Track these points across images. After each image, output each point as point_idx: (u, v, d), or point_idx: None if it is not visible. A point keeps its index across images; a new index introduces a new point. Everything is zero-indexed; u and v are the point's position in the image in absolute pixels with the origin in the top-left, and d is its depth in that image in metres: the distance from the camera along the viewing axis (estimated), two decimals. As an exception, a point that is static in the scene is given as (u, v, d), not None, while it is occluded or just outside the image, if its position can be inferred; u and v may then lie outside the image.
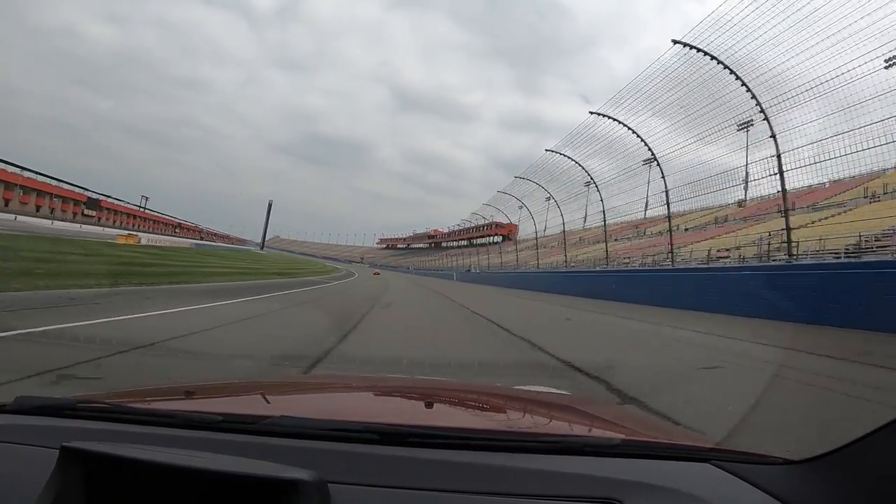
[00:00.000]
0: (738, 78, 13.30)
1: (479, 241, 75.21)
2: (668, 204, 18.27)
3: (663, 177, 18.12)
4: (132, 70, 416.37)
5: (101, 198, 70.01)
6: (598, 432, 1.37)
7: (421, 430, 1.04)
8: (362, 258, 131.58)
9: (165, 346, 5.09)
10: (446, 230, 60.36)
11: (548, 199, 29.68)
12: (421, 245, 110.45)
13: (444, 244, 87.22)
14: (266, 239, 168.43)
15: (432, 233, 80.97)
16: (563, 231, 26.47)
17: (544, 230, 34.05)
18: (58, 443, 0.79)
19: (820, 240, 16.16)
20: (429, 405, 1.43)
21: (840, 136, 12.16)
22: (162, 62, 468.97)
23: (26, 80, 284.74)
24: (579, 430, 1.42)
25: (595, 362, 5.41)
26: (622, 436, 1.26)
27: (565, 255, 25.37)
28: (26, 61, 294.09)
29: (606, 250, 26.43)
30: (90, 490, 0.76)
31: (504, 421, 1.54)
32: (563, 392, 2.70)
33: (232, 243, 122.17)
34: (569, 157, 23.54)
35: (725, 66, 13.39)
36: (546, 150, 25.28)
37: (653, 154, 18.13)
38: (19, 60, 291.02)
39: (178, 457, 0.77)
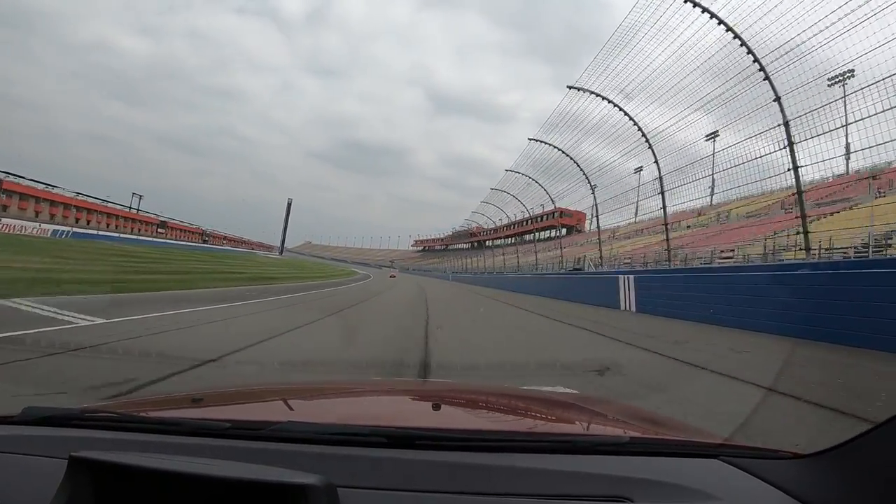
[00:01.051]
0: (761, 69, 12.10)
1: (528, 235, 62.93)
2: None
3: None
4: (166, 82, 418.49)
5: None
6: (606, 431, 1.37)
7: (429, 433, 1.04)
8: (392, 262, 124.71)
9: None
10: (493, 225, 50.13)
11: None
12: (462, 245, 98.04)
13: (488, 243, 78.22)
14: (296, 244, 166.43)
15: (474, 230, 70.69)
16: (664, 211, 17.69)
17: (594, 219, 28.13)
18: (66, 453, 0.80)
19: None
20: (436, 407, 1.43)
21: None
22: (196, 72, 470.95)
23: (63, 95, 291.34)
24: (588, 428, 1.41)
25: None
26: (631, 434, 1.26)
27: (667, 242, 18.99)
28: (62, 77, 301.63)
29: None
30: (99, 499, 0.76)
31: (512, 421, 1.54)
32: (572, 391, 2.66)
33: (252, 248, 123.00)
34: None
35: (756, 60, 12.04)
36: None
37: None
38: (55, 76, 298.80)
39: (186, 464, 0.78)
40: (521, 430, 1.37)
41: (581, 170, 22.81)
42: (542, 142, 24.69)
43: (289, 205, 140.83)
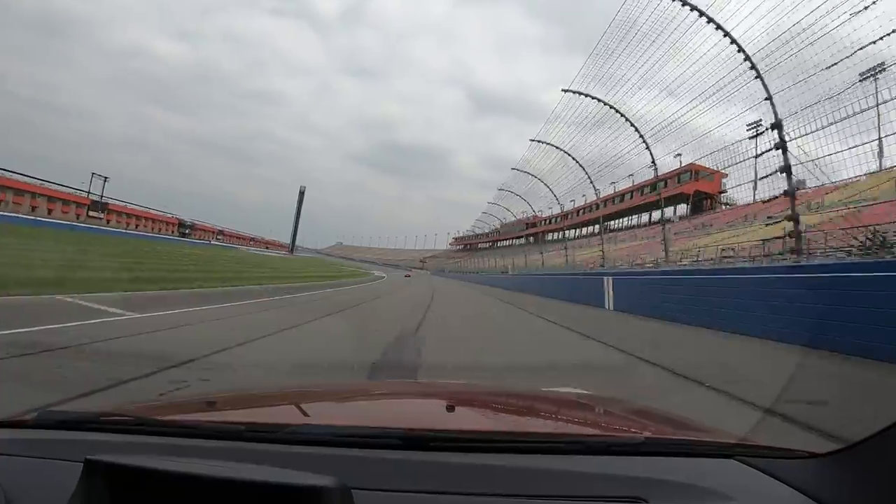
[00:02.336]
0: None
1: (618, 219, 50.84)
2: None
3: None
4: (204, 86, 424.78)
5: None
6: (621, 431, 1.36)
7: (442, 434, 1.04)
8: (423, 262, 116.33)
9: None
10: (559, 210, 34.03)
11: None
12: (514, 239, 75.97)
13: (549, 236, 61.32)
14: (327, 245, 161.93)
15: (531, 219, 55.84)
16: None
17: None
18: (81, 456, 0.80)
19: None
20: (449, 409, 1.43)
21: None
22: (233, 76, 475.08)
23: (102, 101, 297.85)
24: (602, 429, 1.41)
25: None
26: (646, 434, 1.25)
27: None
28: (101, 83, 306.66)
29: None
30: (114, 502, 0.77)
31: (525, 422, 1.54)
32: (585, 391, 2.65)
33: (265, 246, 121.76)
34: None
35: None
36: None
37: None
38: (95, 83, 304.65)
39: (201, 467, 0.78)
40: (534, 430, 1.37)
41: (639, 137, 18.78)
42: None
43: (301, 194, 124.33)
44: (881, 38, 11.19)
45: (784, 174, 11.25)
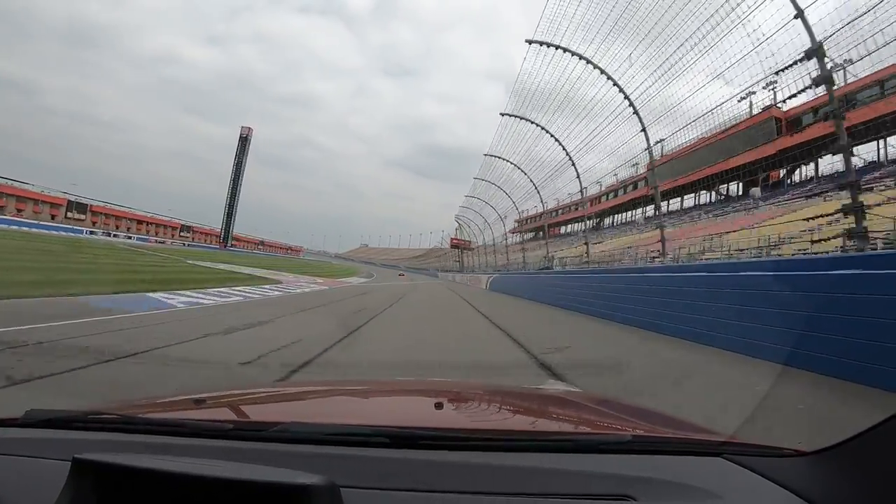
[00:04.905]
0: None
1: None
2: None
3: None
4: (239, 92, 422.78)
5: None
6: (609, 429, 1.36)
7: (431, 432, 1.04)
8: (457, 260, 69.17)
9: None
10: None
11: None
12: (571, 223, 52.89)
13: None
14: (350, 248, 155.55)
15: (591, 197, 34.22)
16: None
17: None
18: (69, 455, 0.80)
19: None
20: (438, 406, 1.43)
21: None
22: (266, 81, 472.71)
23: (141, 112, 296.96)
24: (591, 427, 1.42)
25: None
26: (634, 432, 1.27)
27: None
28: (137, 93, 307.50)
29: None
30: (102, 501, 0.76)
31: (515, 420, 1.54)
32: (575, 389, 2.66)
33: (271, 249, 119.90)
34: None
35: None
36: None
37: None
38: (131, 93, 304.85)
39: (189, 465, 0.78)
40: (523, 429, 1.37)
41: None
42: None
43: (242, 140, 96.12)
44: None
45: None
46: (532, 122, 23.41)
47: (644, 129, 15.64)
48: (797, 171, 31.96)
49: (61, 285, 10.50)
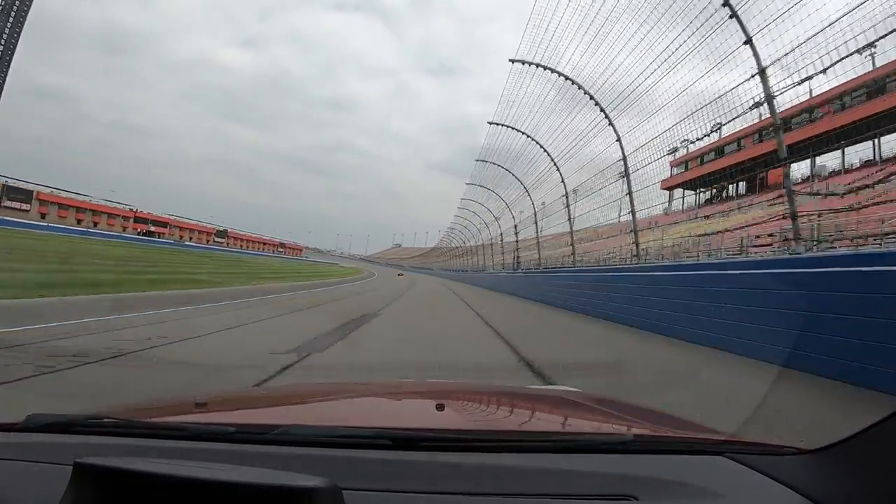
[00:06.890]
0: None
1: None
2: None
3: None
4: (276, 96, 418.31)
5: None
6: (610, 429, 1.37)
7: (432, 434, 1.04)
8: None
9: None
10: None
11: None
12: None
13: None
14: (381, 249, 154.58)
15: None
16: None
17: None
18: (70, 459, 0.79)
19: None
20: (439, 408, 1.43)
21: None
22: (304, 83, 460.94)
23: (176, 119, 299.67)
24: (592, 427, 1.41)
25: None
26: (635, 431, 1.26)
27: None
28: (172, 99, 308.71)
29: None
30: None
31: (516, 421, 1.55)
32: (575, 389, 2.67)
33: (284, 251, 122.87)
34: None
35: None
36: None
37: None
38: (165, 99, 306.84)
39: (191, 469, 0.77)
40: (525, 429, 1.37)
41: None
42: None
43: None
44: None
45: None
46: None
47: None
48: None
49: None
